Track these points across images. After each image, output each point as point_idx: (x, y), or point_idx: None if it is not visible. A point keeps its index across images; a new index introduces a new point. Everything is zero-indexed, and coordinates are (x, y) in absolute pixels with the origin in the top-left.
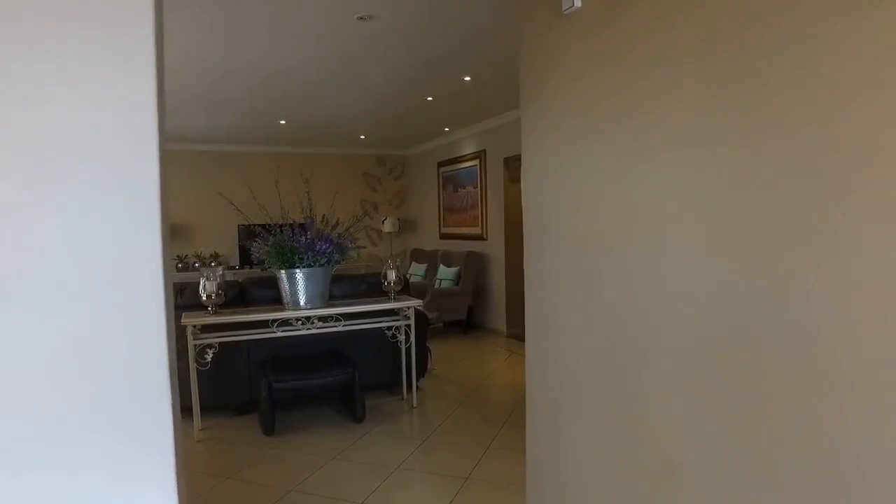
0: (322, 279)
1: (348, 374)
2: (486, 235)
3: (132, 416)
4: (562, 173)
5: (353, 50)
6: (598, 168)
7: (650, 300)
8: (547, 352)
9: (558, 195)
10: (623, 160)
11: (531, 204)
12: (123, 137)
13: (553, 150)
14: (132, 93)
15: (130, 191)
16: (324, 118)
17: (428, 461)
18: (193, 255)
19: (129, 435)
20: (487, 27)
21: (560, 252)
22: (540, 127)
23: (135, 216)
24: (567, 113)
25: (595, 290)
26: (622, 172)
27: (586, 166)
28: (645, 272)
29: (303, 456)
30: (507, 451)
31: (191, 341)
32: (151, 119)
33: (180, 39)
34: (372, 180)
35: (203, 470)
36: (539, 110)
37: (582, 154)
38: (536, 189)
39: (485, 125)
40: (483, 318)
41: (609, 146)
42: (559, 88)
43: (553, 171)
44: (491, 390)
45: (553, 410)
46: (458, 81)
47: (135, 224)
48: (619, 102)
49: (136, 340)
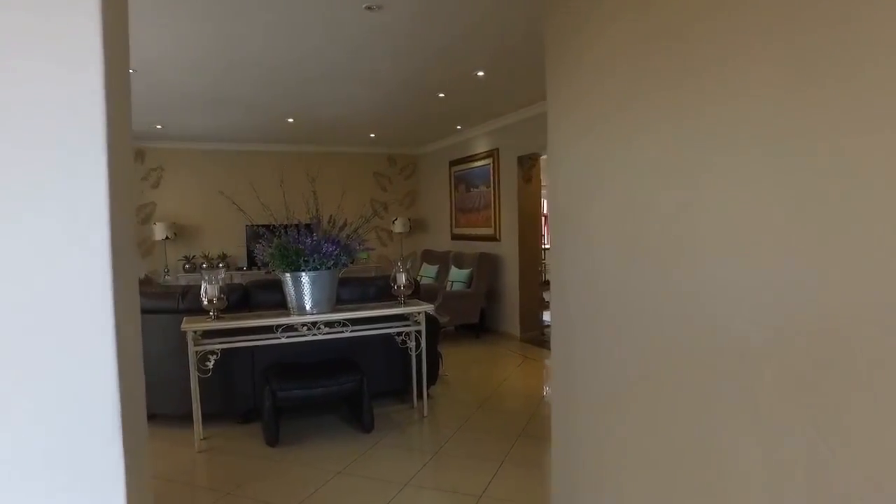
0: (329, 282)
1: (356, 382)
2: (499, 236)
3: (70, 468)
4: (595, 171)
5: (361, 43)
6: (643, 167)
7: (711, 319)
8: (576, 369)
9: (590, 195)
10: (679, 159)
11: (558, 204)
12: (58, 134)
13: (585, 147)
14: (70, 81)
15: (69, 195)
16: (333, 116)
17: (439, 477)
18: (201, 256)
19: (64, 496)
20: (502, 17)
21: (592, 258)
22: (568, 120)
23: (72, 226)
24: (603, 103)
25: (635, 302)
26: (677, 172)
27: (627, 164)
28: (704, 285)
29: (307, 470)
30: (522, 467)
31: (191, 347)
32: (97, 112)
33: (182, 32)
34: (383, 180)
35: (203, 484)
36: (568, 100)
37: (621, 151)
38: (565, 188)
39: (498, 123)
40: (496, 322)
41: (660, 142)
42: (593, 72)
43: (585, 168)
44: (505, 398)
45: (584, 436)
46: (471, 76)
47: (73, 235)
48: (678, 91)
49: (72, 381)
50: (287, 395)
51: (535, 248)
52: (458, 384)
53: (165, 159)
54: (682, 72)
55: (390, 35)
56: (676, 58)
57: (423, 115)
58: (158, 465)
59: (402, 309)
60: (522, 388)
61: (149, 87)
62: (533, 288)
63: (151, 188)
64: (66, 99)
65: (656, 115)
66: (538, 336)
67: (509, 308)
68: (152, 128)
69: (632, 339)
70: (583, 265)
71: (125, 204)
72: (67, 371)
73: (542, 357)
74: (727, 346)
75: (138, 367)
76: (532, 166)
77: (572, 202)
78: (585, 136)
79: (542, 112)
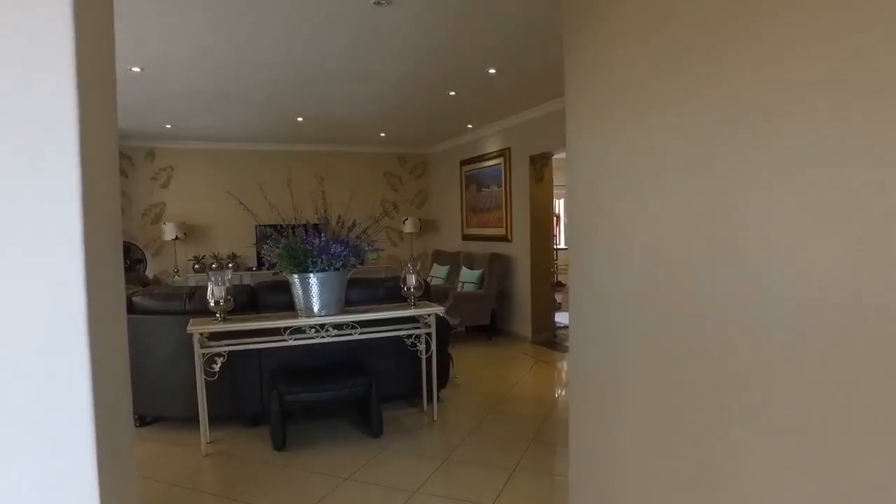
0: (337, 284)
1: (365, 386)
2: (511, 237)
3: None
4: (620, 165)
5: (370, 39)
6: (679, 157)
7: (754, 331)
8: (595, 381)
9: (615, 192)
10: (723, 142)
11: (578, 203)
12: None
13: (606, 140)
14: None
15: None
16: (342, 115)
17: (449, 484)
18: (211, 256)
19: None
20: (514, 12)
21: (616, 262)
22: (588, 109)
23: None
24: (628, 81)
25: (664, 310)
26: (720, 161)
27: (659, 156)
28: (750, 292)
29: (315, 475)
30: (534, 474)
31: (197, 350)
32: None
33: (190, 30)
34: (393, 179)
35: (208, 489)
36: (587, 83)
37: (650, 141)
38: (585, 185)
39: (510, 121)
40: (507, 323)
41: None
42: (618, 47)
43: (610, 163)
44: (516, 402)
45: (604, 452)
46: (483, 74)
47: (40, 239)
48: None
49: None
50: (295, 399)
51: (548, 248)
52: (468, 387)
53: (175, 159)
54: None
55: (400, 31)
56: (731, 48)
57: (433, 114)
58: (164, 470)
59: (413, 311)
60: (534, 392)
61: (158, 85)
62: (545, 289)
63: (161, 188)
64: (31, 96)
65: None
66: (550, 338)
67: (521, 309)
68: (162, 127)
69: (662, 348)
70: (603, 270)
71: (104, 207)
72: (34, 383)
73: (554, 360)
74: (772, 357)
75: (118, 377)
76: (544, 165)
77: (592, 200)
78: (605, 117)
79: (555, 110)
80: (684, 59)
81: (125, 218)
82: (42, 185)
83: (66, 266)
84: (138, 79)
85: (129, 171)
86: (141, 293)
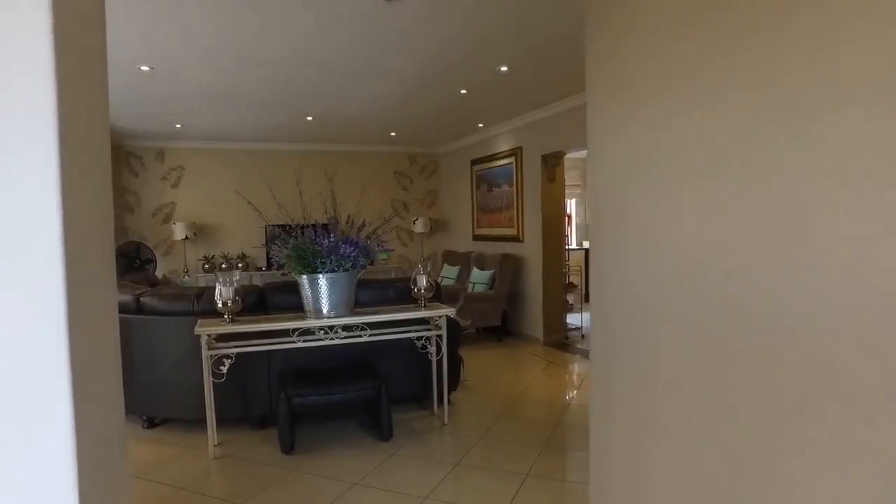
0: (347, 285)
1: (374, 388)
2: (522, 237)
3: None
4: (651, 162)
5: (380, 37)
6: (717, 152)
7: (808, 339)
8: (620, 389)
9: (645, 192)
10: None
11: (602, 205)
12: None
13: (635, 135)
14: None
15: None
16: (352, 114)
17: (460, 490)
18: (220, 256)
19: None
20: (527, 8)
21: (643, 267)
22: (617, 104)
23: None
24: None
25: (700, 322)
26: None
27: (691, 151)
28: (808, 300)
29: (323, 480)
30: (546, 480)
31: (205, 351)
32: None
33: (200, 29)
34: (403, 179)
35: (216, 494)
36: (614, 75)
37: (681, 135)
38: (610, 184)
39: (521, 120)
40: (519, 324)
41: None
42: (659, 32)
43: (641, 160)
44: (528, 405)
45: (630, 464)
46: (494, 72)
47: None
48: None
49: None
50: (303, 402)
51: (559, 249)
52: (479, 390)
53: (185, 159)
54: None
55: (410, 29)
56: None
57: (444, 113)
58: (171, 473)
59: (423, 313)
60: (546, 395)
61: (167, 85)
62: (556, 290)
63: (171, 188)
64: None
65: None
66: (562, 339)
67: (532, 310)
68: (172, 127)
69: (692, 355)
70: (629, 276)
71: (90, 208)
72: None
73: (566, 361)
74: (823, 368)
75: (108, 385)
76: (556, 165)
77: (618, 200)
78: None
79: (568, 108)
80: (744, 47)
81: (135, 218)
82: (17, 185)
83: (45, 270)
84: (148, 78)
85: (140, 171)
86: (149, 294)
